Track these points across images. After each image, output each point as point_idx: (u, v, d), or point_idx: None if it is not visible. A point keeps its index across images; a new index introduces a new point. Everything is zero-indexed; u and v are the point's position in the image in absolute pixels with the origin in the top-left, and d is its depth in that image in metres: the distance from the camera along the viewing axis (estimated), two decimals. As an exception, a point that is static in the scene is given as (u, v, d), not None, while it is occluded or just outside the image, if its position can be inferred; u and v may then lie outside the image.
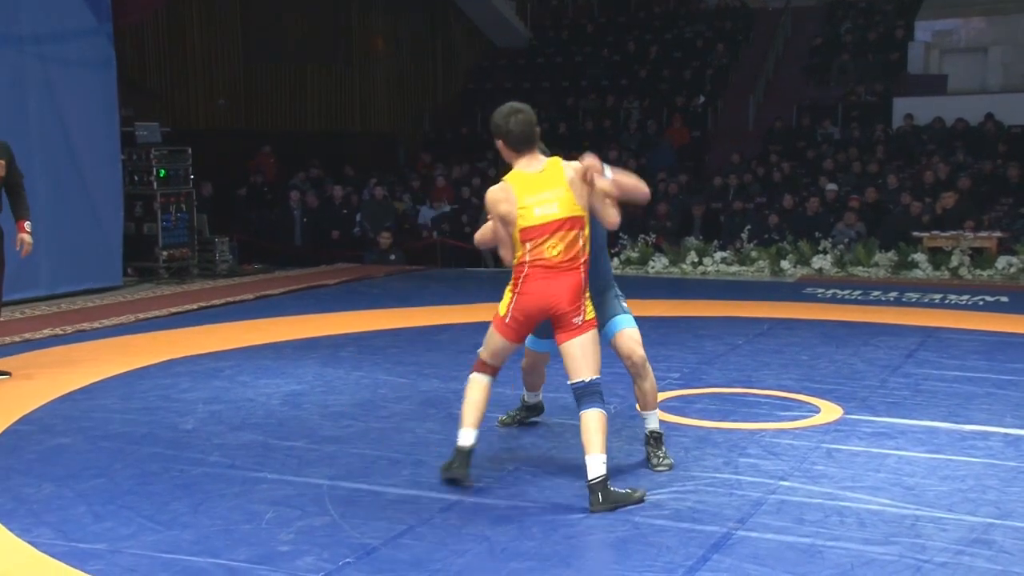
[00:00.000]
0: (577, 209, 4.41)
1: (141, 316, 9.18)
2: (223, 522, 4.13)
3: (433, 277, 12.27)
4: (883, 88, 18.79)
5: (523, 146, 4.53)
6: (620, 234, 13.65)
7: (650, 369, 4.82)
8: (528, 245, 4.40)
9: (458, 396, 6.06)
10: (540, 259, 4.39)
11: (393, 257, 13.48)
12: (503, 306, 4.57)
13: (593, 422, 4.31)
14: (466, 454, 4.49)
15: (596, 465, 4.24)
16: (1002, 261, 11.72)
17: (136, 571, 3.66)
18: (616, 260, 13.18)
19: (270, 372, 6.89)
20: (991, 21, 19.02)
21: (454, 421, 5.54)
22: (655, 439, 4.83)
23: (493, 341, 4.61)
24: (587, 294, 4.48)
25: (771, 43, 21.22)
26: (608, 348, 4.71)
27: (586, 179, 4.44)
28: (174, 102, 15.73)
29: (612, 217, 4.58)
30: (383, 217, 14.80)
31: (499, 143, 4.58)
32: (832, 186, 14.89)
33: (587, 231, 4.45)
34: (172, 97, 15.81)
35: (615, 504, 4.22)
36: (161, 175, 11.76)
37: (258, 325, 8.77)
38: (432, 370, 6.90)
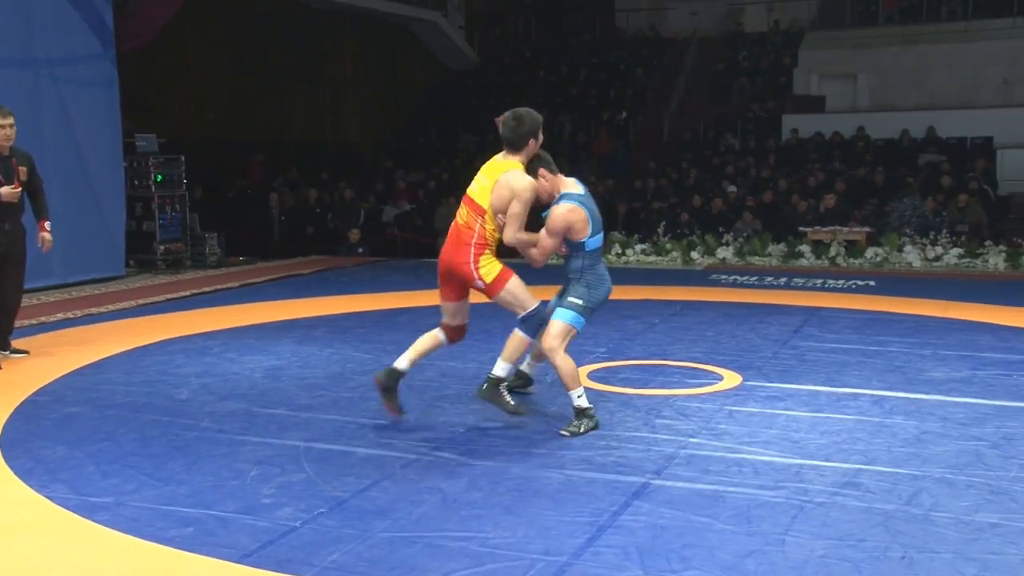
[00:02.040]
0: (484, 201, 4.61)
1: (141, 302, 9.02)
2: (213, 479, 4.08)
3: (394, 267, 12.19)
4: (773, 106, 18.99)
5: (505, 145, 4.76)
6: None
7: (553, 358, 4.65)
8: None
9: (417, 369, 6.03)
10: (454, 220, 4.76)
11: (361, 250, 13.37)
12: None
13: (511, 339, 4.67)
14: (394, 371, 4.76)
15: (499, 367, 4.69)
16: (870, 251, 11.90)
17: (138, 520, 3.61)
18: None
19: (253, 349, 6.81)
20: (859, 53, 19.31)
21: (413, 391, 5.54)
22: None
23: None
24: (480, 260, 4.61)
25: (681, 67, 21.34)
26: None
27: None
28: (170, 116, 15.45)
29: (505, 237, 4.68)
30: (352, 216, 14.68)
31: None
32: (733, 188, 15.02)
33: (488, 221, 4.61)
34: (168, 112, 15.53)
35: (492, 401, 4.71)
36: (158, 180, 11.60)
37: (243, 309, 8.66)
38: (393, 347, 6.81)
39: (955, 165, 15.25)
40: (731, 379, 5.81)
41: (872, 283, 10.07)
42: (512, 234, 4.62)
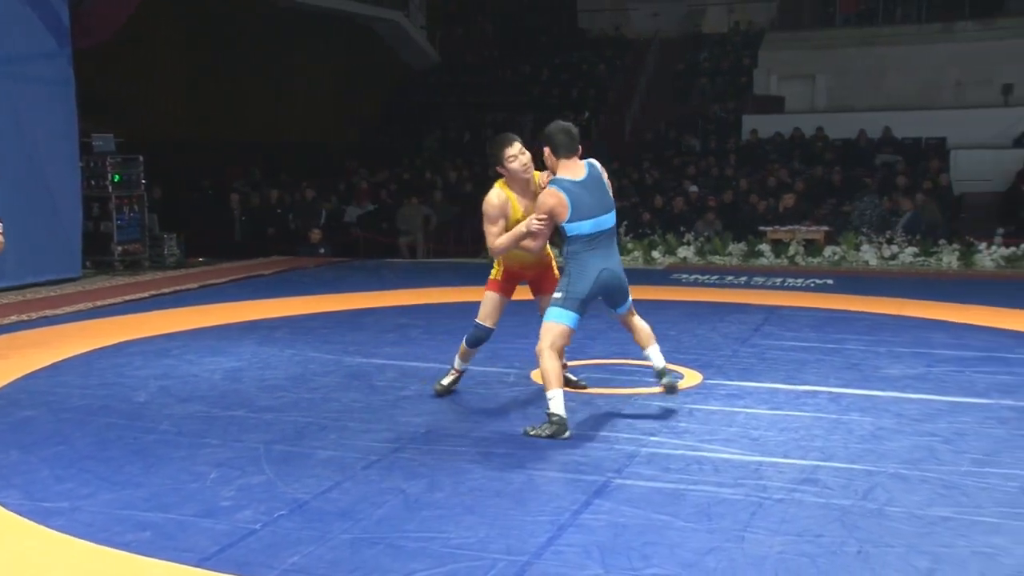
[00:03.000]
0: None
1: (99, 303, 8.90)
2: (172, 482, 4.03)
3: (356, 268, 12.14)
4: (734, 107, 19.17)
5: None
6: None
7: (538, 357, 4.66)
8: None
9: (379, 370, 6.05)
10: None
11: (322, 250, 13.30)
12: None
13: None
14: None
15: (456, 360, 5.32)
16: (828, 250, 12.05)
17: (94, 525, 3.56)
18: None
19: (213, 351, 6.75)
20: (819, 54, 19.57)
21: (375, 391, 5.54)
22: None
23: None
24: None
25: (643, 67, 21.47)
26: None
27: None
28: (129, 115, 15.25)
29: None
30: (313, 216, 14.59)
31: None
32: (694, 188, 15.13)
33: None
34: (127, 111, 15.33)
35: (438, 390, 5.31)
36: (116, 180, 11.46)
37: (202, 310, 8.57)
38: (356, 348, 6.83)
39: (910, 165, 15.49)
40: (692, 377, 5.85)
41: (830, 282, 10.19)
42: (491, 247, 4.89)
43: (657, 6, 23.37)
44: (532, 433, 4.62)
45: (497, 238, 4.84)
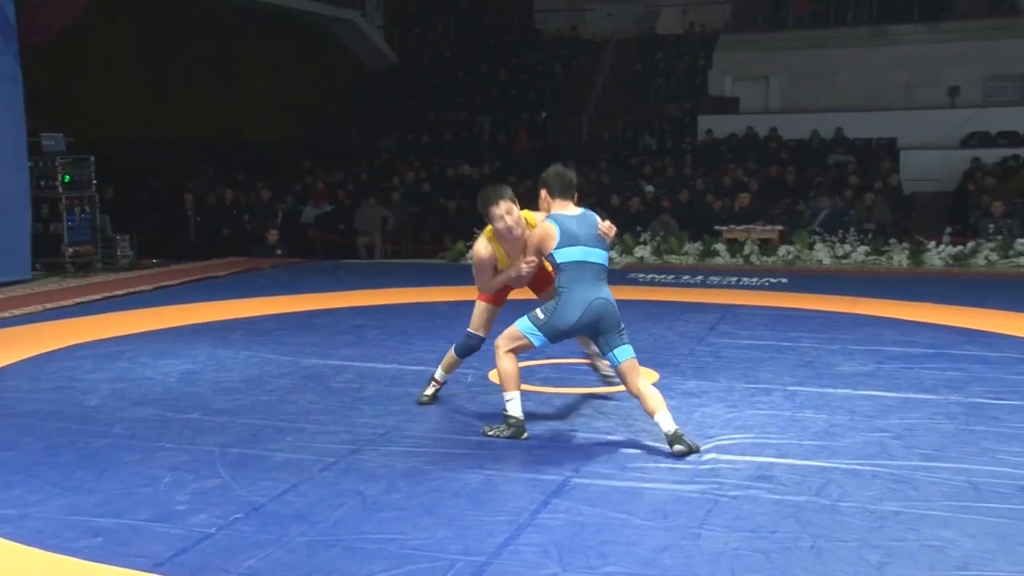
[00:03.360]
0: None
1: (49, 306, 8.73)
2: (125, 486, 3.97)
3: (313, 269, 12.05)
4: (689, 107, 19.33)
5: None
6: (476, 229, 13.70)
7: (497, 356, 4.65)
8: None
9: (336, 371, 6.02)
10: None
11: (279, 251, 13.18)
12: None
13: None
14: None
15: (437, 372, 5.30)
16: (783, 250, 12.19)
17: (43, 532, 3.49)
18: (471, 252, 13.20)
19: (167, 354, 6.66)
20: (772, 55, 19.82)
21: (332, 393, 5.51)
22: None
23: None
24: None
25: (600, 68, 21.56)
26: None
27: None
28: (80, 114, 14.99)
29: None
30: (269, 216, 14.46)
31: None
32: (650, 188, 15.22)
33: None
34: (78, 110, 15.07)
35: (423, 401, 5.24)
36: (66, 180, 11.25)
37: (156, 312, 8.46)
38: (312, 349, 6.78)
39: (862, 165, 15.73)
40: (649, 376, 5.85)
41: (784, 280, 10.31)
42: (481, 289, 5.03)
43: (612, 7, 23.49)
44: (491, 433, 4.62)
45: (486, 283, 4.96)
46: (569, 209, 4.67)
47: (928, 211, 14.85)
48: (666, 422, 4.35)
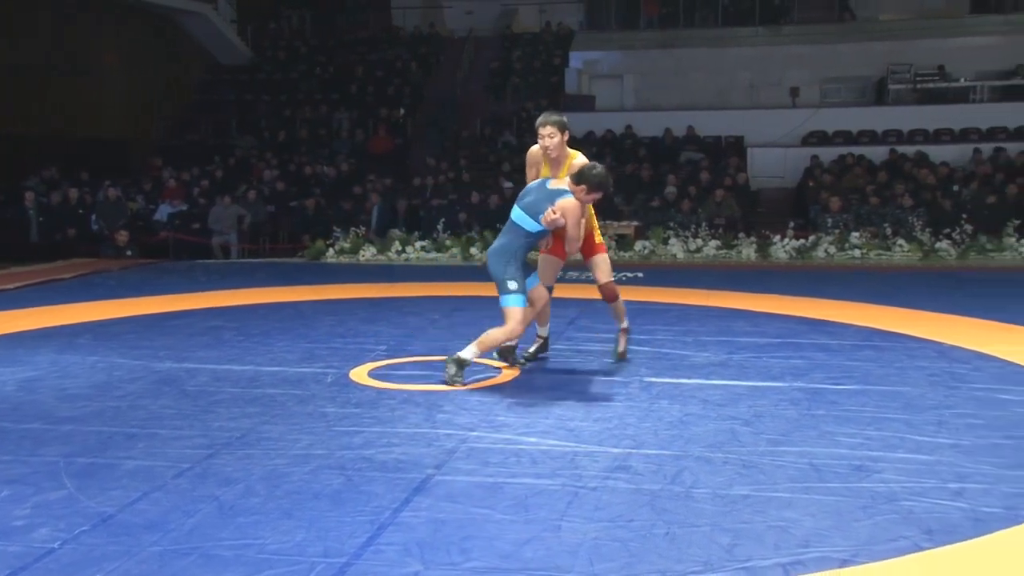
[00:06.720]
0: None
1: None
2: (-42, 504, 3.73)
3: (166, 269, 11.62)
4: (547, 104, 19.54)
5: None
6: (335, 227, 13.51)
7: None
8: None
9: (190, 374, 5.81)
10: None
11: (129, 252, 12.65)
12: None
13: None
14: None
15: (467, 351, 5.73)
16: (639, 244, 12.53)
17: None
18: (331, 251, 13.01)
19: (4, 361, 6.27)
20: (625, 55, 20.32)
21: (187, 397, 5.31)
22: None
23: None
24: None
25: (459, 65, 21.58)
26: None
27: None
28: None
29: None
30: (117, 216, 13.86)
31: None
32: (509, 184, 15.34)
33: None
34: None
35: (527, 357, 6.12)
36: None
37: (-6, 317, 7.97)
38: (166, 352, 6.53)
39: (712, 162, 16.31)
40: (509, 372, 5.93)
41: (640, 275, 10.58)
42: (575, 245, 6.34)
43: (470, 4, 23.56)
44: (450, 360, 5.60)
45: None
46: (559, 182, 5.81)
47: (774, 206, 15.54)
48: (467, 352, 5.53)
